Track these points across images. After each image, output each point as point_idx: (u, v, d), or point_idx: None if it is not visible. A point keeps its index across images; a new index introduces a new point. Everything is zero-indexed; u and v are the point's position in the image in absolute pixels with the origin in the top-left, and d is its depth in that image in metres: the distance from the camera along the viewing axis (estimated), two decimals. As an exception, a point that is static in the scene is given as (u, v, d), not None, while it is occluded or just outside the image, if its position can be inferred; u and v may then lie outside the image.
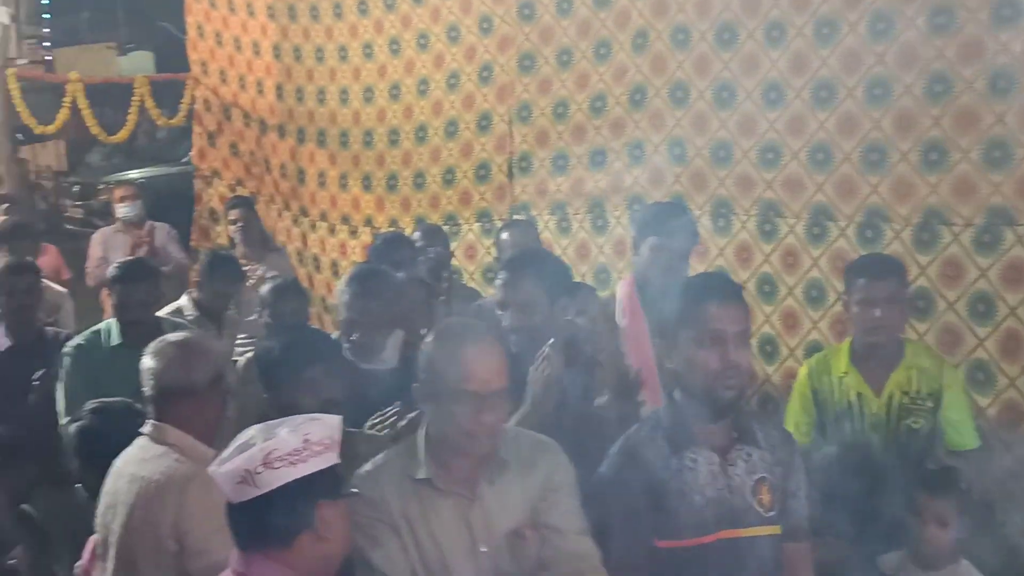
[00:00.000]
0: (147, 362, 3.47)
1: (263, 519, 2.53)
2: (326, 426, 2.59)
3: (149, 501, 3.27)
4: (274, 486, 2.50)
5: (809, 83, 5.37)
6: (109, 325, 5.25)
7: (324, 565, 2.64)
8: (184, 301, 6.13)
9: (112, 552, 3.34)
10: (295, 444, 2.53)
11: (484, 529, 2.96)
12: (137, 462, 3.39)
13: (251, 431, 2.61)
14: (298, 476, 2.51)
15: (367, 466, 3.05)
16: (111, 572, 3.35)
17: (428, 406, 3.00)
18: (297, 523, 2.55)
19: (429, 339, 3.01)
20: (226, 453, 2.57)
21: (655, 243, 4.32)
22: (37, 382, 5.20)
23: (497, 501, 2.98)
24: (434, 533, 2.94)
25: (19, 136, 11.63)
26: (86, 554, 3.54)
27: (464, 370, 2.87)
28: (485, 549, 2.95)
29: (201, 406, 3.45)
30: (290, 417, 2.65)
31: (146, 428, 3.45)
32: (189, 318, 5.68)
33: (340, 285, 4.61)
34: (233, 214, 7.48)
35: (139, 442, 3.44)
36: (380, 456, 3.09)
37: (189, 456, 3.34)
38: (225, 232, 8.22)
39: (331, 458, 2.57)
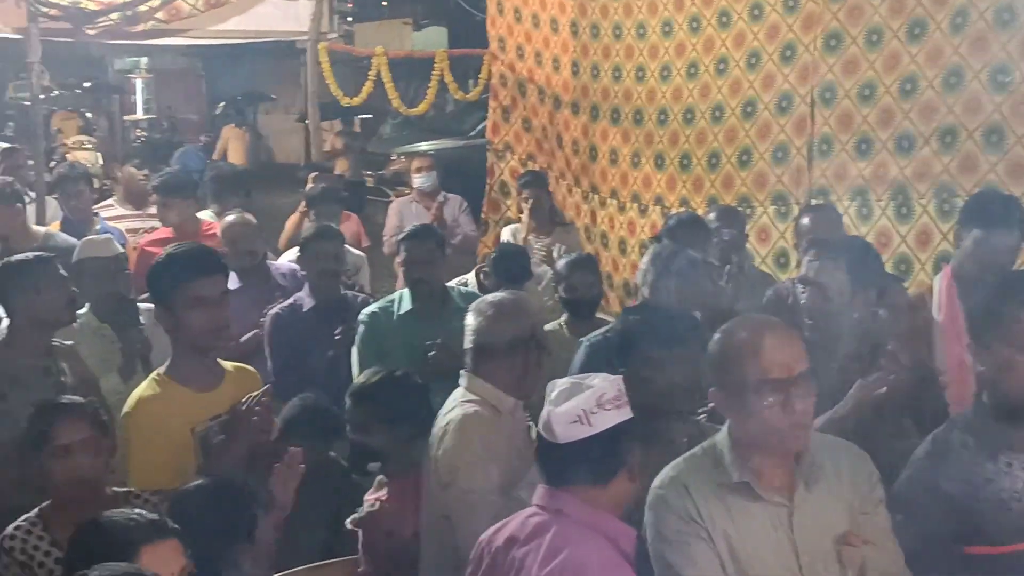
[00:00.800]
0: (468, 319, 3.85)
1: (590, 457, 2.82)
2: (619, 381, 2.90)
3: (440, 440, 3.69)
4: (606, 426, 2.80)
5: None
6: (402, 294, 5.48)
7: (623, 505, 2.91)
8: (470, 277, 6.29)
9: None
10: (615, 391, 2.85)
11: (807, 538, 2.81)
12: (447, 408, 3.76)
13: (563, 382, 2.91)
14: (623, 419, 2.83)
15: (666, 475, 2.94)
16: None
17: (728, 405, 2.86)
18: (618, 462, 2.84)
19: (716, 338, 2.90)
20: (553, 397, 2.87)
21: (979, 235, 4.11)
22: (338, 338, 5.43)
23: (818, 508, 2.83)
24: (751, 544, 2.80)
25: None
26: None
27: (763, 358, 2.75)
28: (808, 559, 2.81)
29: (511, 361, 3.74)
30: (588, 373, 2.99)
31: (462, 379, 3.82)
32: None
33: (642, 264, 4.61)
34: (524, 189, 7.60)
35: (455, 392, 3.83)
36: (679, 464, 2.96)
37: (491, 405, 3.71)
38: (515, 206, 8.38)
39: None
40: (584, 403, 2.82)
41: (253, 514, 3.46)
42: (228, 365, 4.08)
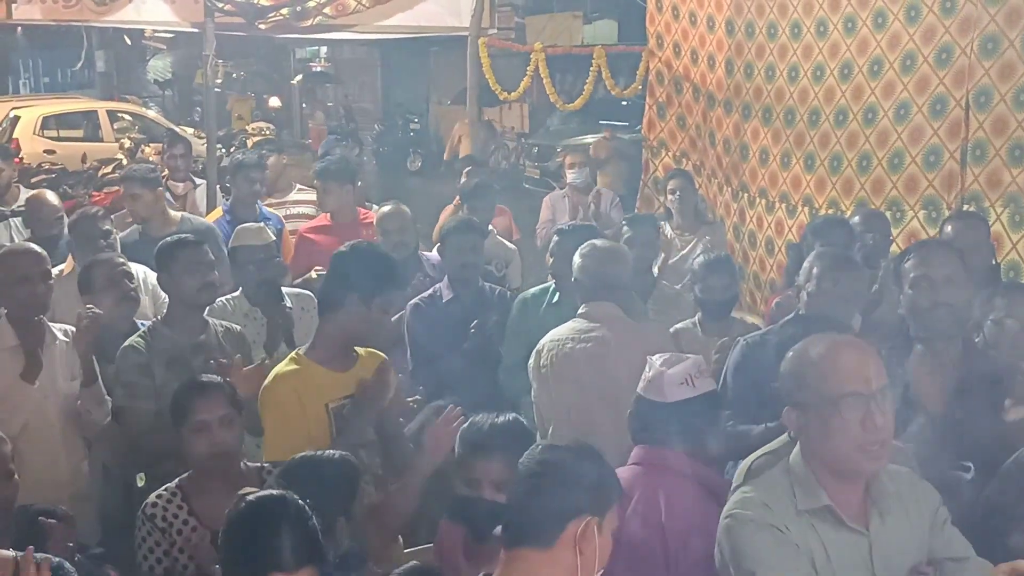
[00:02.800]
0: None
1: (690, 417, 3.30)
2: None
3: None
4: (706, 390, 3.32)
5: None
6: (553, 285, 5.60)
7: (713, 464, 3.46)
8: None
9: None
10: (705, 364, 3.41)
11: (885, 569, 2.77)
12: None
13: (659, 356, 3.45)
14: (714, 388, 3.40)
15: (743, 498, 2.87)
16: None
17: (804, 424, 2.80)
18: (708, 427, 3.36)
19: (789, 355, 2.87)
20: (659, 363, 3.39)
21: None
22: (473, 331, 5.57)
23: (894, 538, 2.79)
24: (836, 570, 2.74)
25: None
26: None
27: (841, 372, 2.71)
28: None
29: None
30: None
31: (581, 309, 4.76)
32: None
33: (807, 263, 4.59)
34: (671, 185, 7.64)
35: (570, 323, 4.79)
36: (752, 488, 2.91)
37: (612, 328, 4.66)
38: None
39: None
40: (690, 368, 3.35)
41: (354, 489, 3.58)
42: (361, 350, 4.29)
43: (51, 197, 6.98)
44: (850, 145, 7.18)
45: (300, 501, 2.97)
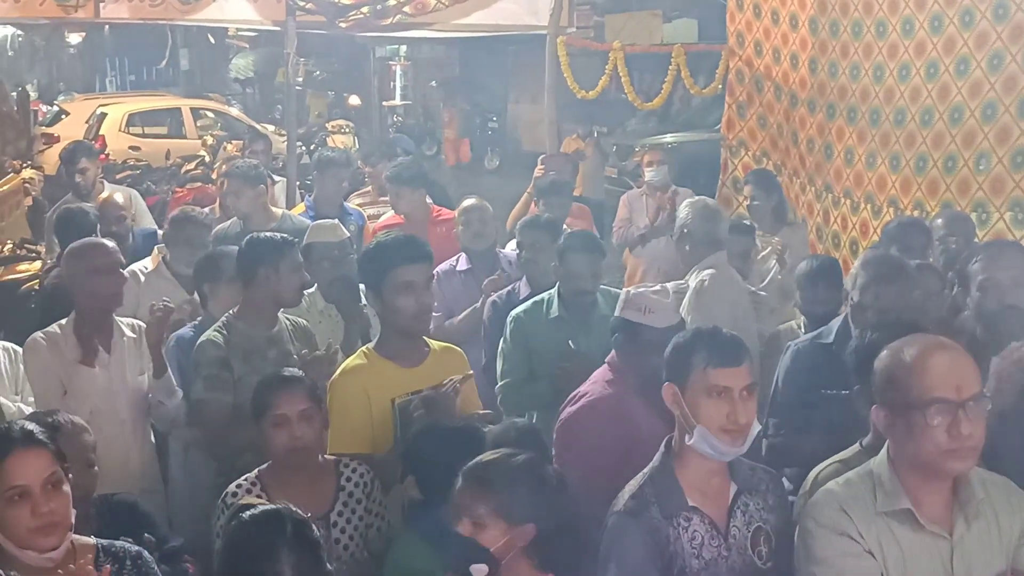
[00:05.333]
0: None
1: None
2: None
3: None
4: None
5: None
6: (551, 296, 5.34)
7: None
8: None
9: None
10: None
11: (965, 574, 2.73)
12: None
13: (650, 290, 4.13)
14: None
15: (821, 498, 2.89)
16: None
17: (891, 425, 2.77)
18: None
19: (883, 354, 2.82)
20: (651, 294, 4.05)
21: None
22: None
23: (977, 545, 2.75)
24: (912, 573, 2.72)
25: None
26: None
27: (932, 376, 2.67)
28: None
29: None
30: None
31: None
32: None
33: (854, 269, 4.57)
34: (750, 185, 7.56)
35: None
36: (834, 487, 2.90)
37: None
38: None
39: None
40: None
41: (477, 453, 3.57)
42: (435, 344, 4.31)
43: (118, 197, 7.19)
44: (936, 145, 7.04)
45: (299, 515, 3.01)
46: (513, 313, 5.37)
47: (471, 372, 4.27)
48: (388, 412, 4.06)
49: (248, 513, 3.01)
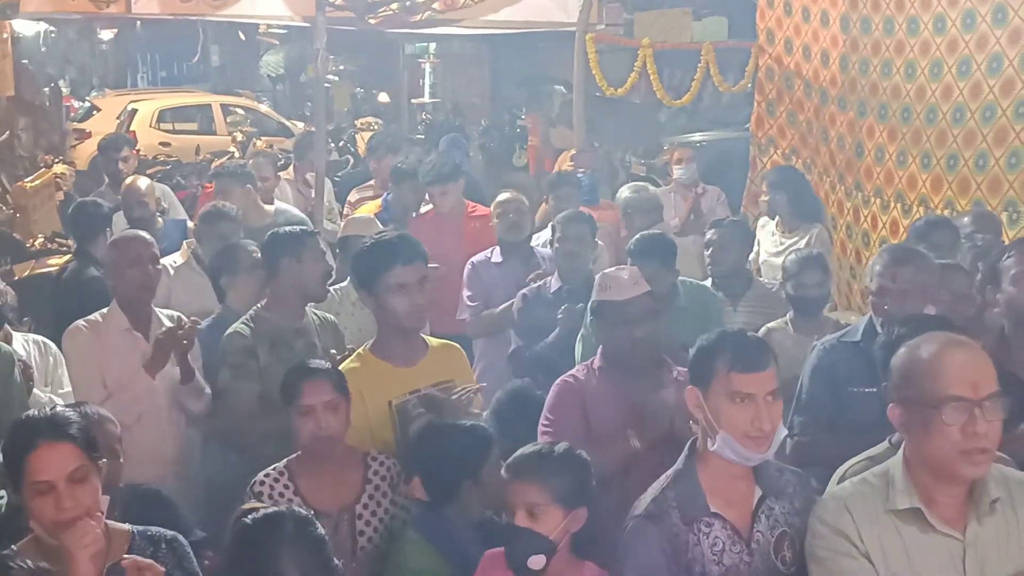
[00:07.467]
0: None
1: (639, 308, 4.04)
2: None
3: None
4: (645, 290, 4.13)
5: None
6: None
7: None
8: None
9: None
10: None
11: (979, 575, 2.69)
12: None
13: (612, 269, 4.32)
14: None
15: (829, 497, 2.90)
16: None
17: (907, 423, 2.75)
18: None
19: (901, 351, 2.79)
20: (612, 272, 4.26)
21: None
22: (561, 315, 5.52)
23: (992, 545, 2.70)
24: (919, 573, 2.69)
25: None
26: None
27: (948, 375, 2.63)
28: None
29: None
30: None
31: None
32: None
33: (871, 263, 4.56)
34: (770, 183, 7.55)
35: None
36: (845, 487, 2.90)
37: None
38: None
39: None
40: (636, 274, 4.16)
41: (484, 455, 3.65)
42: (434, 342, 4.32)
43: (140, 183, 7.20)
44: (967, 143, 7.00)
45: (301, 514, 3.06)
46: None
47: (481, 385, 4.30)
48: (385, 413, 4.07)
49: (251, 516, 3.06)
